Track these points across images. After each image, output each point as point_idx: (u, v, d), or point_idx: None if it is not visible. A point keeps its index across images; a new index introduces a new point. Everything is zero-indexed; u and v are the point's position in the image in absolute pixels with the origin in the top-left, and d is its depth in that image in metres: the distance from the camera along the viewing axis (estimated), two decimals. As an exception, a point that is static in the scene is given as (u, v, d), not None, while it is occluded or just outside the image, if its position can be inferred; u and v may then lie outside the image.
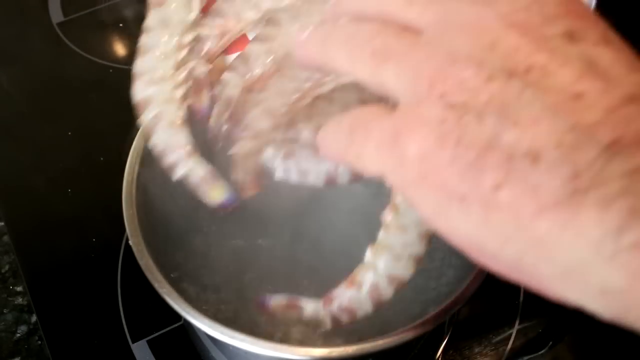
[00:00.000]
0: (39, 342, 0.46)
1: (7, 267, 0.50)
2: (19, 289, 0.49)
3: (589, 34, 0.19)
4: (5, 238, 0.52)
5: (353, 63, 0.22)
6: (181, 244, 0.41)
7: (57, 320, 0.46)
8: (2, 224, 0.52)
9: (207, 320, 0.31)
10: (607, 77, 0.18)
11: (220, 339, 0.30)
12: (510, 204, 0.18)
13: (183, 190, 0.39)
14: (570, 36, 0.19)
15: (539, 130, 0.17)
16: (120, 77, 0.62)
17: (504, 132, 0.18)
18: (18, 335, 0.46)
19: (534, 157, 0.17)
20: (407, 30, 0.21)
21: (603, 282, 0.16)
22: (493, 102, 0.18)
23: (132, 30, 0.68)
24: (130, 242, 0.34)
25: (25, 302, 0.48)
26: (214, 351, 0.42)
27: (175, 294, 0.32)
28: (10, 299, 0.48)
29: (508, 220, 0.18)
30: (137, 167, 0.38)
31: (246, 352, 0.30)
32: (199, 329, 0.32)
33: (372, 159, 0.22)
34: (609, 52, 0.18)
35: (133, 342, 0.44)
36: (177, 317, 0.43)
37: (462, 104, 0.19)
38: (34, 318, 0.47)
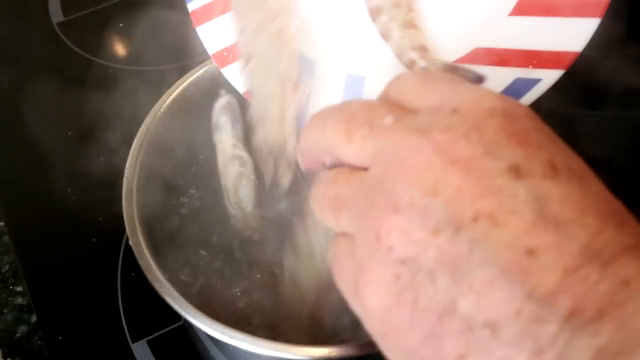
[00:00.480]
0: (39, 342, 0.46)
1: (7, 267, 0.50)
2: (19, 289, 0.49)
3: (535, 165, 0.18)
4: (5, 238, 0.52)
5: (322, 217, 0.23)
6: (181, 243, 0.41)
7: (57, 320, 0.46)
8: (2, 224, 0.52)
9: (207, 320, 0.31)
10: (558, 224, 0.17)
11: (220, 339, 0.30)
12: None
13: (183, 190, 0.40)
14: (516, 171, 0.18)
15: (495, 298, 0.17)
16: (120, 77, 0.62)
17: (459, 297, 0.17)
18: (18, 335, 0.46)
19: (493, 328, 0.17)
20: (356, 171, 0.21)
21: None
22: (443, 259, 0.17)
23: (132, 30, 0.68)
24: (130, 242, 0.34)
25: (25, 302, 0.48)
26: (214, 351, 0.42)
27: (175, 294, 0.32)
28: (10, 299, 0.48)
29: None
30: (137, 167, 0.38)
31: (246, 352, 0.30)
32: (199, 329, 0.32)
33: (347, 298, 0.21)
34: (557, 188, 0.18)
35: (133, 342, 0.44)
36: (177, 317, 0.43)
37: (412, 259, 0.18)
38: (34, 318, 0.47)
